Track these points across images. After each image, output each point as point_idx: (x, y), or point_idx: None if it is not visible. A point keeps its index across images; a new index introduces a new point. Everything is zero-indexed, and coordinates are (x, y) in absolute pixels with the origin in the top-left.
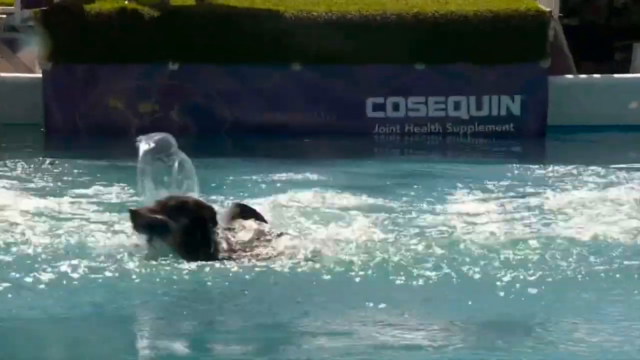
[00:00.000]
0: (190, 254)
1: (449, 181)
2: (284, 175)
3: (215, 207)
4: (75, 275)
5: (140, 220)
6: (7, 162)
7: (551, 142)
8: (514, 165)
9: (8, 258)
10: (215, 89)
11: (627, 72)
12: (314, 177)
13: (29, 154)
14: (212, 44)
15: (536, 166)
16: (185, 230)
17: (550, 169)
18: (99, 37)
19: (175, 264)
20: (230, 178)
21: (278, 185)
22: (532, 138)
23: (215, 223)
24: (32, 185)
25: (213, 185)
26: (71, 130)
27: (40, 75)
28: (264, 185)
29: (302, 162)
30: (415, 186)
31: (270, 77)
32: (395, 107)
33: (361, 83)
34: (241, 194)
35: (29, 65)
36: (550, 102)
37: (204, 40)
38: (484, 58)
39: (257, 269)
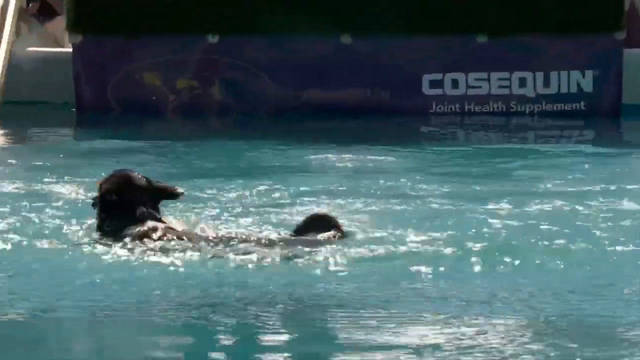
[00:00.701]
0: (98, 230)
1: (516, 166)
2: (332, 160)
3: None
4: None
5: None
6: (34, 144)
7: (627, 122)
8: (588, 148)
9: (27, 243)
10: (258, 64)
11: None
12: (365, 161)
13: (58, 134)
14: (254, 14)
15: (613, 150)
16: (94, 205)
17: (628, 152)
18: (132, 6)
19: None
20: (275, 163)
21: (325, 170)
22: (605, 118)
23: (108, 204)
24: (59, 168)
25: (256, 172)
26: (103, 108)
27: (69, 49)
28: (309, 172)
29: (352, 144)
30: (480, 171)
31: (319, 50)
32: (454, 84)
33: (417, 57)
34: (286, 182)
35: (57, 38)
36: (625, 77)
37: (246, 10)
38: (552, 29)
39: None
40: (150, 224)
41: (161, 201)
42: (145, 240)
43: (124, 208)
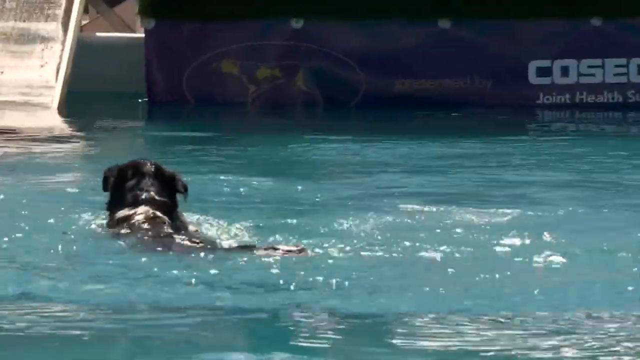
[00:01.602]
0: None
1: (634, 164)
2: (426, 155)
3: None
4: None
5: None
6: (100, 137)
7: None
8: None
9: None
10: (346, 51)
11: None
12: (463, 157)
13: (126, 127)
14: None
15: None
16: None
17: None
18: None
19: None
20: (362, 160)
21: (418, 168)
22: None
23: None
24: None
25: (337, 169)
26: (176, 99)
27: (141, 34)
28: (400, 169)
29: (448, 139)
30: (594, 171)
31: (414, 36)
32: (565, 71)
33: (523, 42)
34: (376, 185)
35: (128, 23)
36: None
37: None
38: None
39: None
40: (136, 209)
41: (177, 192)
42: (122, 225)
43: (125, 193)
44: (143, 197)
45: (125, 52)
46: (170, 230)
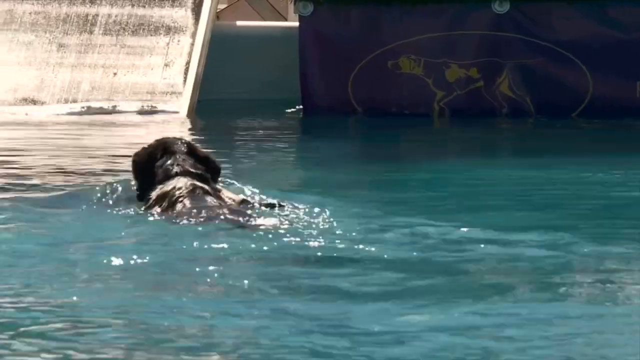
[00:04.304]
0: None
1: None
2: None
3: None
4: None
5: None
6: (243, 156)
7: None
8: None
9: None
10: (568, 43)
11: None
12: None
13: (271, 144)
14: None
15: None
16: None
17: None
18: None
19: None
20: (601, 191)
21: None
22: None
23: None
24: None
25: (575, 210)
26: (340, 107)
27: (295, 23)
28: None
29: None
30: None
31: None
32: None
33: None
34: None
35: (277, 8)
36: None
37: None
38: None
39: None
40: (174, 182)
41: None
42: (162, 202)
43: (156, 171)
44: (175, 170)
45: (273, 46)
46: (215, 202)
